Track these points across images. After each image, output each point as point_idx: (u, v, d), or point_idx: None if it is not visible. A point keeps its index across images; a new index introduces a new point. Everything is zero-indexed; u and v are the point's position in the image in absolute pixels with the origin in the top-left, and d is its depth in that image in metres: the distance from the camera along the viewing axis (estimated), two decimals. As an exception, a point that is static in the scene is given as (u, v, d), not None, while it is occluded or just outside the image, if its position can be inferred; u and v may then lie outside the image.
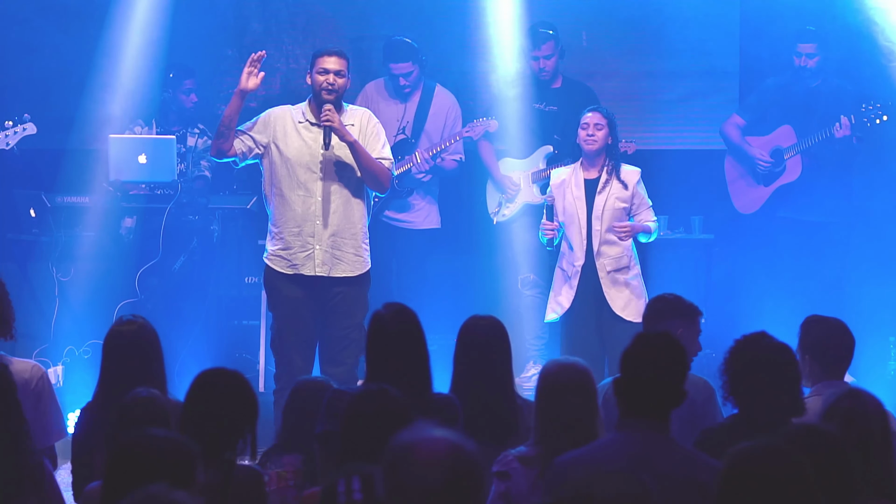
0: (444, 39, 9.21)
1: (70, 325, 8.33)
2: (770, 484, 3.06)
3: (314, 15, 9.38)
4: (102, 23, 8.69)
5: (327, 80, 6.74)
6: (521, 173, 8.51)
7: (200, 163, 8.61)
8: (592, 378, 4.45)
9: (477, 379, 4.89)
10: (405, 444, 2.87)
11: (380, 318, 4.71)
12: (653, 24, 9.16)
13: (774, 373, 4.32)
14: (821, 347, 5.02)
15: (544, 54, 8.38)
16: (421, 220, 8.57)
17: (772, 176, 8.53)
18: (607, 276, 7.35)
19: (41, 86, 9.01)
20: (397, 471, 2.83)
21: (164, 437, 3.32)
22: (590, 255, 7.39)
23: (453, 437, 2.87)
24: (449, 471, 2.80)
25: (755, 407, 4.28)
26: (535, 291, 8.40)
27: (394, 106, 8.46)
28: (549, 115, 8.44)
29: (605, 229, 7.35)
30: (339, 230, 6.79)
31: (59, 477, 6.81)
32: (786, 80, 8.58)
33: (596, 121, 7.40)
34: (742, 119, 8.66)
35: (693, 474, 3.72)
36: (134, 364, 4.81)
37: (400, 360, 4.59)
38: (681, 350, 3.84)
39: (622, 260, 7.36)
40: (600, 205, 7.38)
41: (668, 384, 3.76)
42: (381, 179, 6.81)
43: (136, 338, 4.88)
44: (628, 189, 7.39)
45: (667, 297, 5.63)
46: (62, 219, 8.33)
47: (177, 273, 8.29)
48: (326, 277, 6.79)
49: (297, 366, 6.76)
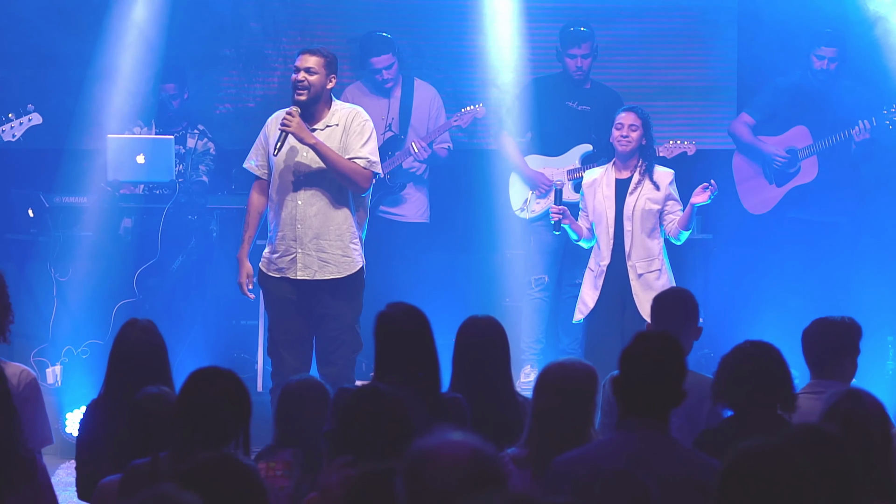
0: (444, 39, 9.21)
1: (68, 325, 8.32)
2: (770, 483, 3.06)
3: (312, 15, 9.36)
4: (100, 22, 8.67)
5: (297, 78, 6.66)
6: (554, 171, 8.41)
7: (199, 167, 8.60)
8: (593, 380, 4.43)
9: (476, 380, 4.88)
10: (426, 449, 2.85)
11: (390, 319, 4.69)
12: (651, 25, 9.15)
13: (762, 376, 4.40)
14: (812, 347, 5.04)
15: (583, 53, 8.35)
16: (412, 213, 8.55)
17: (786, 176, 8.48)
18: (638, 280, 7.27)
19: (39, 85, 9.00)
20: (419, 476, 2.81)
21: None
22: (617, 255, 7.31)
23: (474, 441, 2.85)
24: (472, 474, 2.79)
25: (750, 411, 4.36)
26: (543, 294, 8.38)
27: (377, 103, 8.41)
28: (582, 114, 8.42)
29: (639, 230, 7.29)
30: (322, 232, 6.72)
31: (58, 477, 6.84)
32: (796, 79, 8.56)
33: (631, 121, 7.31)
34: (752, 118, 8.60)
35: (692, 474, 3.72)
36: (142, 365, 4.80)
37: (412, 361, 4.58)
38: (680, 350, 3.84)
39: (654, 263, 7.30)
40: (631, 205, 7.30)
41: (667, 384, 3.76)
42: (354, 179, 6.70)
43: (145, 340, 4.88)
44: (661, 190, 7.31)
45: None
46: (60, 219, 8.32)
47: (175, 273, 8.28)
48: (312, 280, 6.76)
49: (289, 365, 6.72)
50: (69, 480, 6.65)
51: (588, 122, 8.38)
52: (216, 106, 9.15)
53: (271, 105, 7.85)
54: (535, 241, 8.38)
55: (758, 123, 8.58)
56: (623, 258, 7.30)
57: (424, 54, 9.16)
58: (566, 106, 8.43)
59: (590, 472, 3.60)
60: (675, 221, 7.31)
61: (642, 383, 3.74)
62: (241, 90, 9.30)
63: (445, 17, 9.21)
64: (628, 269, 7.28)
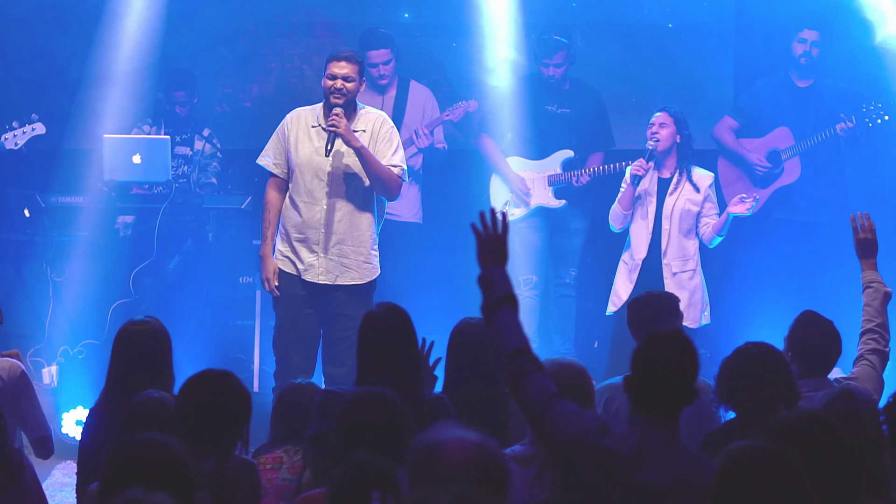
0: (443, 39, 9.21)
1: (64, 325, 8.32)
2: (765, 483, 3.07)
3: (309, 15, 9.36)
4: (97, 22, 8.67)
5: (335, 85, 6.67)
6: (534, 175, 8.46)
7: (208, 169, 8.59)
8: (589, 378, 4.46)
9: (469, 381, 4.89)
10: (431, 445, 2.86)
11: (372, 318, 4.71)
12: (648, 25, 9.15)
13: (766, 377, 4.41)
14: (804, 350, 5.04)
15: (555, 63, 8.35)
16: (406, 213, 8.54)
17: (769, 178, 8.50)
18: (672, 278, 7.42)
19: (36, 85, 9.00)
20: (425, 472, 2.82)
21: (159, 442, 3.32)
22: (654, 251, 7.47)
23: (478, 437, 2.86)
24: (477, 469, 2.80)
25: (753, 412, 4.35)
26: (534, 294, 8.40)
27: (370, 99, 8.39)
28: (562, 117, 8.44)
29: (676, 230, 7.43)
30: (345, 238, 6.74)
31: (54, 477, 6.84)
32: (777, 80, 8.58)
33: (661, 120, 7.48)
34: (735, 121, 8.62)
35: (698, 475, 3.70)
36: (143, 365, 4.79)
37: (391, 361, 4.59)
38: (692, 349, 3.83)
39: (689, 263, 7.46)
40: (670, 205, 7.47)
41: (678, 383, 3.75)
42: (391, 186, 6.76)
43: (146, 338, 4.86)
44: (700, 192, 7.48)
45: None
46: (57, 219, 8.32)
47: (171, 273, 8.27)
48: (332, 285, 6.76)
49: (297, 365, 6.72)
50: (65, 481, 6.67)
51: (569, 125, 8.40)
52: (213, 106, 9.14)
53: (268, 105, 7.85)
54: (520, 242, 8.39)
55: (742, 126, 8.60)
56: (659, 255, 7.48)
57: (421, 53, 9.16)
58: (545, 110, 8.45)
59: None
60: (710, 225, 7.48)
61: (653, 382, 3.73)
62: (238, 90, 9.29)
63: (446, 16, 9.21)
64: (663, 267, 7.45)
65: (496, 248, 3.77)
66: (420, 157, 8.58)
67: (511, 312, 3.73)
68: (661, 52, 9.14)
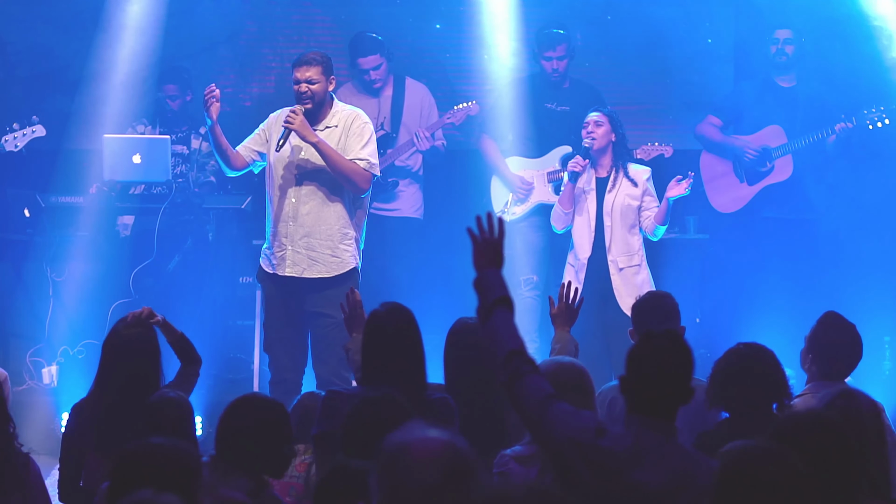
0: (442, 39, 9.21)
1: (64, 325, 8.33)
2: (766, 483, 3.06)
3: (308, 15, 9.36)
4: (97, 22, 8.67)
5: (299, 89, 6.85)
6: (534, 172, 8.49)
7: (206, 167, 8.59)
8: (589, 378, 4.45)
9: (469, 380, 4.89)
10: (399, 445, 2.86)
11: (377, 317, 4.71)
12: (648, 24, 9.15)
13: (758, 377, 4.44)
14: (826, 352, 5.04)
15: (558, 55, 8.39)
16: (407, 208, 8.55)
17: (758, 175, 8.50)
18: (619, 273, 7.51)
19: (36, 86, 9.00)
20: (393, 471, 2.83)
21: (167, 445, 3.32)
22: (598, 249, 7.54)
23: (446, 435, 2.87)
24: (445, 468, 2.80)
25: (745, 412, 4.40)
26: (535, 294, 8.39)
27: (366, 103, 8.40)
28: (562, 115, 8.46)
29: (619, 226, 7.49)
30: (313, 231, 6.86)
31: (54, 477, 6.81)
32: (759, 82, 8.61)
33: (595, 119, 7.59)
34: (718, 119, 8.64)
35: (695, 474, 3.70)
36: (132, 366, 4.79)
37: (396, 360, 4.59)
38: (687, 349, 3.83)
39: (634, 258, 7.53)
40: (610, 201, 7.56)
41: (674, 383, 3.75)
42: (355, 180, 6.84)
43: (136, 340, 4.86)
44: (638, 186, 7.56)
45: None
46: (56, 219, 8.32)
47: (171, 273, 8.27)
48: (301, 278, 6.86)
49: (282, 363, 6.93)
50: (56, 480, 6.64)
51: (568, 123, 8.40)
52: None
53: (269, 105, 7.85)
54: (521, 242, 8.40)
55: (725, 125, 8.61)
56: (604, 252, 7.56)
57: (421, 53, 9.16)
58: (545, 108, 8.47)
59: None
60: (650, 218, 7.54)
61: (649, 382, 3.73)
62: (238, 90, 9.30)
63: (445, 16, 9.21)
64: (609, 264, 7.53)
65: (492, 252, 3.78)
66: (419, 155, 8.58)
67: (506, 315, 3.73)
68: (661, 52, 9.14)
